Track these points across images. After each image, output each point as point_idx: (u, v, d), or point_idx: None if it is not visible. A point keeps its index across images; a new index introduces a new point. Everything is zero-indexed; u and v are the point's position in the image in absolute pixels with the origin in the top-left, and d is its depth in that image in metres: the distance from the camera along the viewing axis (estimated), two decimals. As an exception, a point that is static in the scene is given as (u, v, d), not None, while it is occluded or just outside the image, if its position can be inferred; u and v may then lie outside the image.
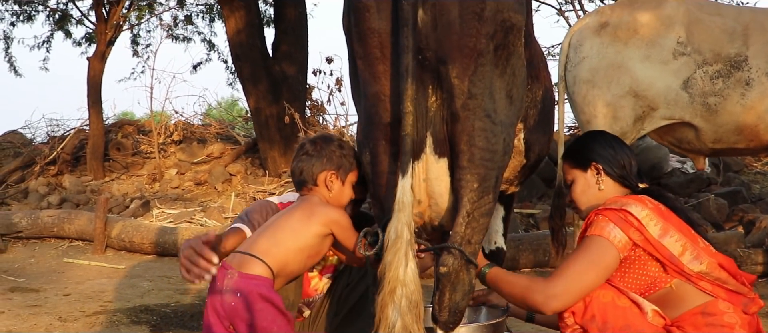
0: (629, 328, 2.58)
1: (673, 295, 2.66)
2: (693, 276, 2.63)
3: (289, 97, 9.49)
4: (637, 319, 2.60)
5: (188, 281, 2.84)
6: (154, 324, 4.73)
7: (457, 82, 2.58)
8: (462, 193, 2.61)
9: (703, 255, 2.64)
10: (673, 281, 2.65)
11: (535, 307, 2.65)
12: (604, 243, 2.63)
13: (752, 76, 4.61)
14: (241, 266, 2.85)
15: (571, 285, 2.62)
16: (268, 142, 9.54)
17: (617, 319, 2.59)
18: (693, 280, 2.64)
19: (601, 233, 2.64)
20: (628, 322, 2.59)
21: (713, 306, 2.62)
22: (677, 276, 2.64)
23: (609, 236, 2.63)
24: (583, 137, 2.98)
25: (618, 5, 5.03)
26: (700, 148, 4.83)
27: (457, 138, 2.62)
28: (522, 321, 3.31)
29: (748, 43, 4.63)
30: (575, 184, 2.90)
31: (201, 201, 8.91)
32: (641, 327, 2.59)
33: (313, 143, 3.12)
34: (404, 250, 2.49)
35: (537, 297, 2.63)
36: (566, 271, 2.64)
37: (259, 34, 9.62)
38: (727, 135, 4.69)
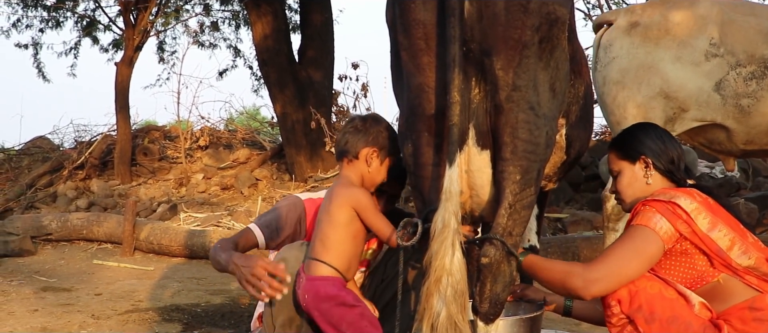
0: (676, 320, 2.58)
1: (720, 289, 2.65)
2: (740, 271, 2.64)
3: (315, 102, 9.52)
4: (684, 310, 2.60)
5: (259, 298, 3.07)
6: (185, 322, 4.76)
7: (501, 73, 2.59)
8: (504, 184, 2.61)
9: (751, 250, 2.64)
10: (721, 276, 2.65)
11: (575, 291, 2.65)
12: (649, 233, 2.63)
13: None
14: (308, 270, 3.04)
15: (612, 271, 2.61)
16: (295, 147, 9.57)
17: (664, 311, 2.59)
18: (740, 275, 2.64)
19: (647, 223, 2.63)
20: (675, 313, 2.59)
21: (761, 301, 2.63)
22: (724, 270, 2.65)
23: (655, 227, 2.62)
24: (633, 128, 2.96)
25: (649, 4, 4.98)
26: (730, 150, 4.80)
27: (500, 130, 2.62)
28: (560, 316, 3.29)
29: (783, 44, 4.60)
30: (622, 176, 2.87)
31: (227, 205, 8.94)
32: (688, 319, 2.59)
33: (363, 120, 3.18)
34: (451, 240, 2.49)
35: (576, 281, 2.62)
36: (608, 257, 2.64)
37: (285, 40, 9.66)
38: (760, 136, 4.65)
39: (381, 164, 3.13)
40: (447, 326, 2.49)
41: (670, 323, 2.58)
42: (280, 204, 3.36)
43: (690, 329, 2.58)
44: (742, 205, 6.77)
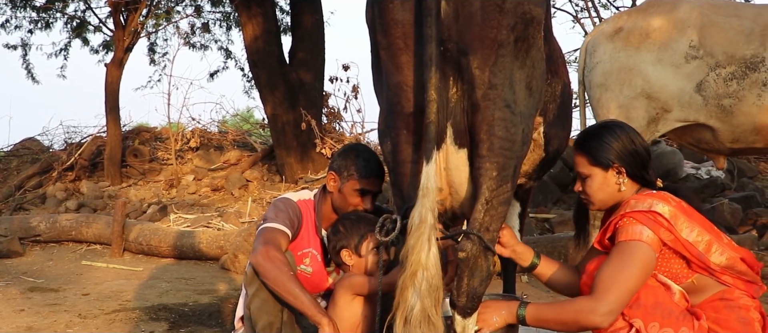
0: (659, 306, 2.65)
1: (693, 288, 2.74)
2: (717, 271, 2.71)
3: (305, 103, 9.55)
4: (665, 298, 2.69)
5: None
6: (172, 321, 4.79)
7: (477, 72, 2.63)
8: (481, 181, 2.65)
9: (727, 250, 2.71)
10: (694, 276, 2.72)
11: (592, 326, 2.68)
12: (642, 247, 2.66)
13: None
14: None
15: (623, 296, 2.65)
16: (285, 148, 9.60)
17: (648, 297, 2.67)
18: (716, 275, 2.72)
19: (639, 238, 2.67)
20: (658, 300, 2.67)
21: (730, 293, 2.72)
22: (701, 272, 2.72)
23: (645, 239, 2.66)
24: (600, 131, 2.90)
25: (634, 11, 5.10)
26: (719, 149, 4.86)
27: (477, 128, 2.66)
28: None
29: (767, 44, 4.65)
30: (591, 180, 2.88)
31: (218, 207, 8.96)
32: (669, 306, 2.67)
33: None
34: (427, 235, 2.53)
35: (594, 318, 2.64)
36: (614, 283, 2.65)
37: (276, 41, 9.69)
38: (745, 135, 4.71)
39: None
40: (420, 319, 2.53)
41: (654, 309, 2.65)
42: (278, 205, 3.39)
43: (672, 315, 2.66)
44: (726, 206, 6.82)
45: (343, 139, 9.87)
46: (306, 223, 3.43)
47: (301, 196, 3.50)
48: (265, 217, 3.32)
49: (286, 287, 3.07)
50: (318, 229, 3.47)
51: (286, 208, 3.35)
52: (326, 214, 3.47)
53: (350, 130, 10.25)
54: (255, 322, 3.19)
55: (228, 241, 6.95)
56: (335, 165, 3.41)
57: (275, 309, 3.18)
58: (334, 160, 3.43)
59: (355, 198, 3.36)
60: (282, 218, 3.29)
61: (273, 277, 3.08)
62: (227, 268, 6.63)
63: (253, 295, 3.19)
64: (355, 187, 3.34)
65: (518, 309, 2.78)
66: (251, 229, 6.76)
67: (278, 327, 3.19)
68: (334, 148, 9.66)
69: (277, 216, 3.29)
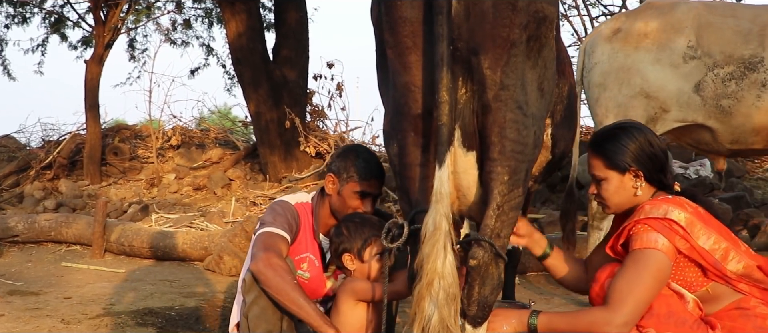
0: (673, 316, 2.59)
1: (707, 297, 2.67)
2: (733, 279, 2.64)
3: (289, 101, 9.43)
4: (679, 306, 2.62)
5: None
6: (159, 326, 4.66)
7: (489, 72, 2.53)
8: (492, 185, 2.56)
9: (744, 258, 2.64)
10: (709, 285, 2.65)
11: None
12: (657, 255, 2.59)
13: None
14: None
15: (638, 307, 2.58)
16: (269, 147, 9.47)
17: (661, 307, 2.60)
18: (732, 283, 2.65)
19: (654, 246, 2.59)
20: (672, 309, 2.60)
21: (746, 301, 2.65)
22: (717, 280, 2.65)
23: (661, 247, 2.58)
24: (617, 132, 2.80)
25: (631, 13, 5.13)
26: (718, 149, 4.82)
27: (487, 130, 2.57)
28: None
29: (765, 44, 4.62)
30: (607, 183, 2.78)
31: (200, 206, 8.82)
32: (683, 315, 2.60)
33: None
34: (443, 242, 2.44)
35: (609, 330, 2.57)
36: (629, 294, 2.57)
37: (259, 38, 9.55)
38: (744, 136, 4.66)
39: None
40: (439, 330, 2.44)
41: (668, 318, 2.58)
42: (276, 208, 3.27)
43: (686, 325, 2.59)
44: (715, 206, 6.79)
45: (327, 138, 9.75)
46: (303, 227, 3.32)
47: (298, 199, 3.38)
48: (263, 221, 3.20)
49: (290, 296, 2.95)
50: (316, 233, 3.36)
51: (284, 211, 3.24)
52: (324, 217, 3.35)
53: (334, 129, 10.14)
54: (252, 330, 3.07)
55: (212, 242, 6.81)
56: (334, 166, 3.30)
57: (274, 317, 3.06)
58: (333, 162, 3.32)
59: (355, 200, 3.25)
60: (280, 222, 3.17)
61: (276, 286, 2.96)
62: (212, 269, 6.50)
63: (251, 303, 3.07)
64: (355, 189, 3.24)
65: (530, 317, 2.70)
66: (236, 229, 6.64)
67: None
68: (319, 147, 9.55)
69: (276, 220, 3.18)
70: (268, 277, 2.96)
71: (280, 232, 3.14)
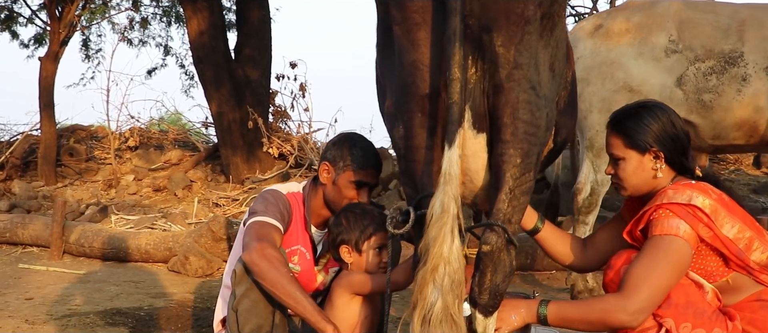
0: (691, 306, 2.48)
1: (728, 287, 2.57)
2: (755, 270, 2.55)
3: (252, 101, 9.25)
4: (697, 297, 2.52)
5: None
6: (131, 326, 4.47)
7: (502, 50, 2.42)
8: (504, 168, 2.44)
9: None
10: (730, 275, 2.55)
11: (621, 326, 2.49)
12: (678, 243, 2.48)
13: (749, 71, 4.60)
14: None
15: (655, 295, 2.46)
16: (231, 147, 9.26)
17: (679, 296, 2.49)
18: (754, 274, 2.56)
19: (675, 233, 2.48)
20: (690, 299, 2.50)
21: (767, 293, 2.56)
22: (739, 270, 2.56)
23: (682, 234, 2.48)
24: (639, 110, 2.70)
25: (612, 10, 5.20)
26: (700, 145, 4.80)
27: (499, 111, 2.46)
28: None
29: (744, 39, 4.63)
30: (625, 163, 2.67)
31: (160, 207, 8.58)
32: (702, 306, 2.50)
33: None
34: (450, 226, 2.30)
35: (622, 316, 2.45)
36: (646, 280, 2.45)
37: (222, 37, 9.36)
38: (726, 131, 4.66)
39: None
40: (442, 318, 2.31)
41: (686, 308, 2.48)
42: (267, 197, 3.11)
43: (704, 315, 2.50)
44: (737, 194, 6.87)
45: (291, 139, 9.58)
46: (295, 218, 3.16)
47: (289, 189, 3.23)
48: (254, 210, 3.04)
49: (285, 289, 2.79)
50: (307, 224, 3.21)
51: (275, 201, 3.08)
52: (316, 208, 3.21)
53: (297, 130, 9.97)
54: (242, 324, 2.91)
55: (177, 243, 6.61)
56: (329, 155, 3.15)
57: (266, 311, 2.90)
58: (328, 150, 3.18)
59: (351, 191, 3.11)
60: (272, 212, 3.01)
61: (271, 278, 2.80)
62: (177, 270, 6.29)
63: (242, 296, 2.90)
64: (352, 178, 3.10)
65: (539, 307, 2.57)
66: (202, 229, 6.45)
67: (268, 330, 2.91)
68: (282, 148, 9.39)
69: (267, 209, 3.02)
70: (262, 268, 2.80)
71: (272, 221, 2.98)
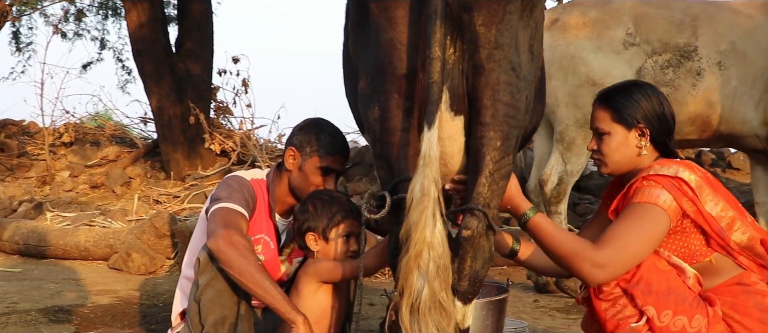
0: (672, 292, 2.46)
1: (710, 268, 2.55)
2: (735, 251, 2.54)
3: (194, 96, 9.02)
4: (677, 282, 2.50)
5: None
6: (77, 323, 4.27)
7: (483, 29, 2.37)
8: (484, 151, 2.39)
9: (749, 229, 2.55)
10: (713, 255, 2.54)
11: (579, 274, 2.47)
12: (657, 211, 2.46)
13: (703, 66, 4.65)
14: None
15: (621, 255, 2.44)
16: (171, 143, 9.02)
17: (660, 283, 2.47)
18: (734, 255, 2.55)
19: (655, 202, 2.46)
20: (671, 285, 2.47)
21: (747, 277, 2.56)
22: (719, 250, 2.54)
23: (662, 204, 2.46)
24: (630, 87, 2.71)
25: (568, 5, 5.20)
26: (656, 141, 4.83)
27: (479, 92, 2.40)
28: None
29: (698, 34, 4.71)
30: (610, 138, 2.64)
31: (98, 204, 8.29)
32: (683, 292, 2.48)
33: None
34: (432, 209, 2.24)
35: (584, 265, 2.43)
36: (617, 240, 2.44)
37: (162, 30, 9.12)
38: (681, 125, 4.70)
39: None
40: (430, 305, 2.24)
41: (667, 295, 2.46)
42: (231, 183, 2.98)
43: (685, 302, 2.48)
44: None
45: (233, 135, 9.39)
46: (259, 206, 3.04)
47: (253, 175, 3.11)
48: (217, 197, 2.91)
49: (254, 278, 2.67)
50: (272, 212, 3.09)
51: (240, 187, 2.96)
52: (281, 195, 3.09)
53: (239, 127, 9.78)
54: (205, 316, 2.78)
55: (118, 240, 6.38)
56: (296, 140, 3.04)
57: (231, 301, 2.78)
58: (294, 135, 3.07)
59: (318, 177, 3.01)
60: (237, 198, 2.89)
61: (239, 267, 2.67)
62: (118, 268, 6.07)
63: (205, 285, 2.77)
64: (319, 164, 3.00)
65: (528, 210, 2.54)
66: (145, 226, 6.25)
67: (232, 322, 2.79)
68: (224, 145, 9.19)
69: (232, 195, 2.89)
70: (229, 256, 2.68)
71: (238, 208, 2.86)
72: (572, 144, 4.82)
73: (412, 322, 2.27)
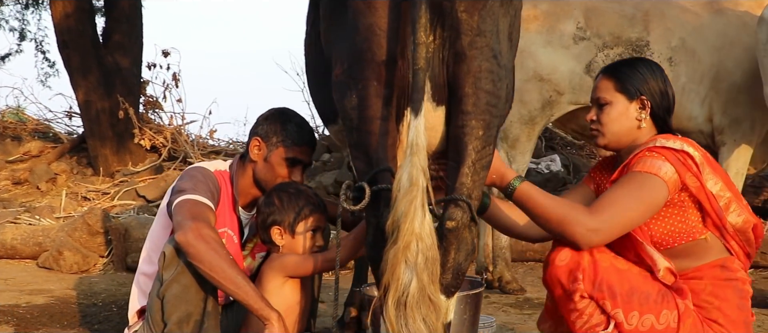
0: (635, 292, 2.46)
1: (703, 247, 2.56)
2: (728, 233, 2.55)
3: (123, 90, 8.71)
4: (639, 280, 2.48)
5: None
6: (15, 324, 4.05)
7: (465, 16, 2.31)
8: (466, 140, 2.33)
9: (744, 212, 2.57)
10: (708, 234, 2.54)
11: (572, 237, 2.44)
12: (657, 182, 2.45)
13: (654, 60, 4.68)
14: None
15: (615, 221, 2.43)
16: (99, 139, 8.70)
17: (622, 284, 2.46)
18: (726, 237, 2.56)
19: (656, 172, 2.46)
20: (632, 285, 2.46)
21: (730, 262, 2.58)
22: (713, 230, 2.54)
23: (664, 176, 2.45)
24: (636, 61, 2.73)
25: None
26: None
27: (461, 80, 2.35)
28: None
29: (649, 28, 4.73)
30: (610, 108, 2.64)
31: (22, 201, 7.95)
32: (646, 289, 2.47)
33: None
34: (420, 200, 2.16)
35: (576, 229, 2.42)
36: (611, 205, 2.44)
37: (90, 21, 8.78)
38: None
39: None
40: (419, 299, 2.16)
41: (630, 296, 2.46)
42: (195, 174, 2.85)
43: (650, 299, 2.47)
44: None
45: (163, 131, 9.13)
46: (223, 198, 2.92)
47: (216, 166, 2.99)
48: (180, 188, 2.77)
49: (226, 274, 2.56)
50: (235, 205, 2.97)
51: (204, 178, 2.83)
52: (245, 188, 2.98)
53: (169, 122, 9.51)
54: (169, 313, 2.64)
55: (48, 238, 6.13)
56: (261, 130, 2.94)
57: (197, 297, 2.65)
58: (259, 125, 2.96)
59: (284, 168, 2.91)
60: (202, 190, 2.76)
61: (210, 261, 2.55)
62: (49, 266, 5.82)
63: (171, 281, 2.63)
64: (286, 155, 2.90)
65: (513, 179, 2.53)
66: (76, 223, 6.01)
67: (197, 319, 2.66)
68: (154, 140, 8.93)
69: (197, 187, 2.76)
70: (199, 250, 2.55)
71: (205, 200, 2.73)
72: (517, 142, 4.80)
73: (399, 316, 2.18)
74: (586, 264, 2.46)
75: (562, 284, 2.51)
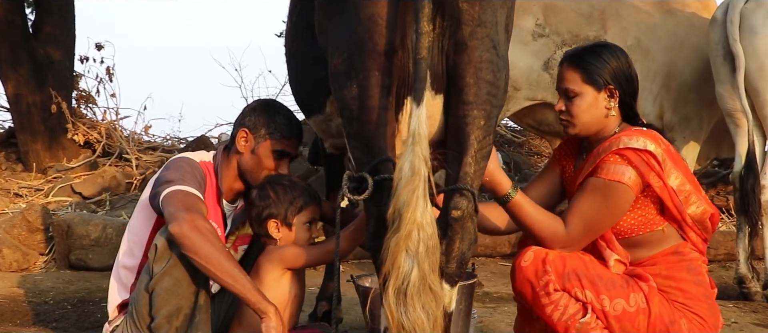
0: (600, 278, 2.57)
1: (659, 237, 2.66)
2: (687, 224, 2.64)
3: (55, 84, 8.43)
4: (600, 268, 2.62)
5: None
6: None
7: (466, 6, 2.34)
8: (468, 130, 2.35)
9: (703, 203, 2.66)
10: (665, 225, 2.64)
11: (550, 248, 2.59)
12: (621, 188, 2.56)
13: None
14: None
15: (587, 231, 2.59)
16: (30, 133, 8.40)
17: (587, 270, 2.58)
18: (685, 229, 2.63)
19: (621, 179, 2.56)
20: (598, 272, 2.59)
21: (683, 246, 2.68)
22: (671, 222, 2.64)
23: (628, 182, 2.55)
24: (600, 48, 2.73)
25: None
26: (559, 131, 4.91)
27: (461, 70, 2.36)
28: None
29: (606, 27, 4.81)
30: (580, 99, 2.66)
31: (-51, 199, 7.62)
32: (610, 276, 2.60)
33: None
34: (422, 189, 2.17)
35: (554, 245, 2.57)
36: (583, 220, 2.57)
37: (19, 12, 8.45)
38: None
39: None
40: (420, 288, 2.17)
41: (597, 281, 2.56)
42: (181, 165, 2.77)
43: (616, 285, 2.57)
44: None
45: (97, 126, 8.88)
46: (208, 190, 2.86)
47: (201, 157, 2.92)
48: (168, 179, 2.70)
49: (222, 266, 2.51)
50: (220, 197, 2.92)
51: (191, 169, 2.77)
52: (229, 180, 2.93)
53: (103, 117, 9.26)
54: (158, 307, 2.57)
55: (-17, 235, 5.89)
56: (248, 121, 2.89)
57: (188, 291, 2.59)
58: (246, 116, 2.91)
59: (271, 161, 2.87)
60: (190, 181, 2.70)
61: (206, 253, 2.49)
62: (-14, 265, 5.60)
63: (163, 274, 2.56)
64: (274, 147, 2.86)
65: (511, 188, 2.60)
66: (15, 219, 5.82)
67: (187, 313, 2.60)
68: (88, 136, 8.68)
69: (185, 178, 2.69)
70: (195, 242, 2.49)
71: (195, 191, 2.67)
72: None
73: (399, 305, 2.19)
74: (552, 258, 2.56)
75: (531, 283, 2.57)
